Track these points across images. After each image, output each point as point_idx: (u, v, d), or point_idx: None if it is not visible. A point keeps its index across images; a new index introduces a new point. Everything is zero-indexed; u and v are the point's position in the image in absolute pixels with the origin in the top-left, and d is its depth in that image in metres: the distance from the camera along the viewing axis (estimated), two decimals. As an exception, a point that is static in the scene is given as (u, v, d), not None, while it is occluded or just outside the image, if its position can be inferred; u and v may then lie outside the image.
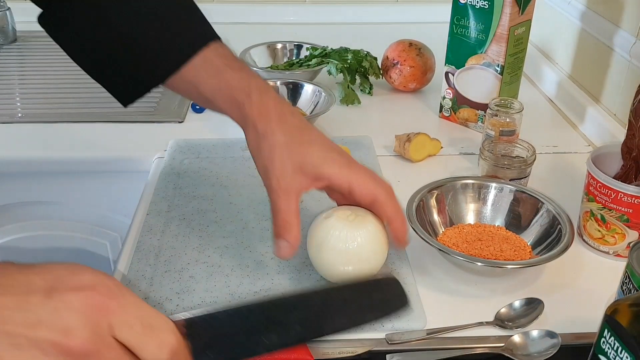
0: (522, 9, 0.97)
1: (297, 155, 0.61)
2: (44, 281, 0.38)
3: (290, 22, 1.59)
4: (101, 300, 0.39)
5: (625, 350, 0.48)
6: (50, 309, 0.37)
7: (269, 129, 0.62)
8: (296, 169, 0.61)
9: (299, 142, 0.62)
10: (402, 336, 0.64)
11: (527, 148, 0.86)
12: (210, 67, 0.65)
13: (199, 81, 0.65)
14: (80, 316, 0.37)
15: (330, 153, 0.63)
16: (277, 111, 0.63)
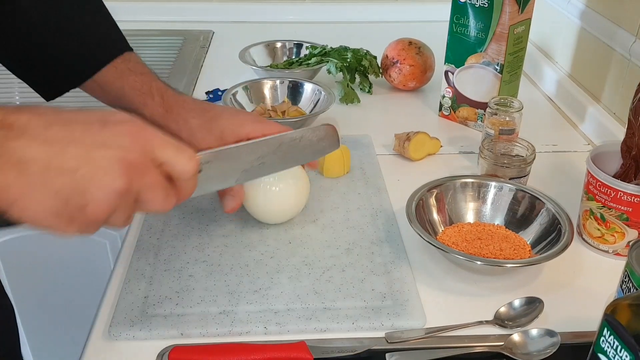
0: (521, 8, 0.97)
1: (215, 129, 0.70)
2: (96, 117, 0.47)
3: (290, 21, 1.59)
4: (142, 129, 0.48)
5: (624, 349, 0.48)
6: (108, 134, 0.46)
7: (181, 119, 0.72)
8: (218, 140, 0.70)
9: (211, 119, 0.71)
10: (401, 335, 0.64)
11: (526, 147, 0.86)
12: (116, 71, 0.73)
13: (105, 83, 0.74)
14: (131, 139, 0.47)
15: (239, 115, 0.74)
16: (182, 103, 0.73)
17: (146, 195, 0.48)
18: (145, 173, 0.47)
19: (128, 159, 0.46)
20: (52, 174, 0.43)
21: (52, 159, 0.44)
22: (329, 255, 0.75)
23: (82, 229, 0.46)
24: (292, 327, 0.64)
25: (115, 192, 0.45)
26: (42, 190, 0.43)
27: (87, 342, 0.64)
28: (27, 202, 0.43)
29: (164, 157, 0.49)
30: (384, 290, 0.69)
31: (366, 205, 0.84)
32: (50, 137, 0.44)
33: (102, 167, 0.45)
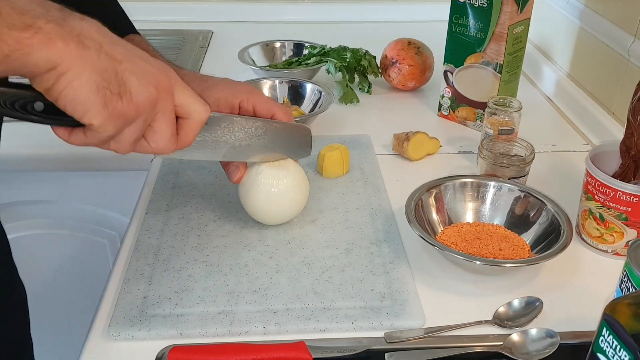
0: (521, 8, 0.97)
1: (210, 98, 0.72)
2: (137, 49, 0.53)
3: (289, 21, 1.59)
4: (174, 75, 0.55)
5: (623, 349, 0.48)
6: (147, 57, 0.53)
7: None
8: (214, 109, 0.72)
9: (207, 88, 0.73)
10: (400, 335, 0.64)
11: (525, 147, 0.86)
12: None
13: None
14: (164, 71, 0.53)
15: (234, 85, 0.75)
16: (181, 75, 0.76)
17: (158, 124, 0.53)
18: (167, 99, 0.53)
19: (161, 79, 0.52)
20: (104, 55, 0.48)
21: (106, 46, 0.49)
22: (328, 255, 0.75)
23: (108, 120, 0.49)
24: (291, 327, 0.64)
25: (147, 96, 0.51)
26: (93, 64, 0.47)
27: (86, 341, 0.64)
28: (78, 72, 0.47)
29: (183, 98, 0.54)
30: (383, 290, 0.69)
31: (365, 205, 0.84)
32: (103, 31, 0.50)
33: (142, 71, 0.51)
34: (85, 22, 0.49)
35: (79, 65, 0.47)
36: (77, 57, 0.47)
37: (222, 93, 0.73)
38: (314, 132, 1.03)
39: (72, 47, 0.46)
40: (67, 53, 0.46)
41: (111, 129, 0.50)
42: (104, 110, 0.49)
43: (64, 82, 0.47)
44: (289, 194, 0.76)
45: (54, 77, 0.46)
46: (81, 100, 0.48)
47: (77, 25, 0.48)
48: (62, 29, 0.46)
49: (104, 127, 0.50)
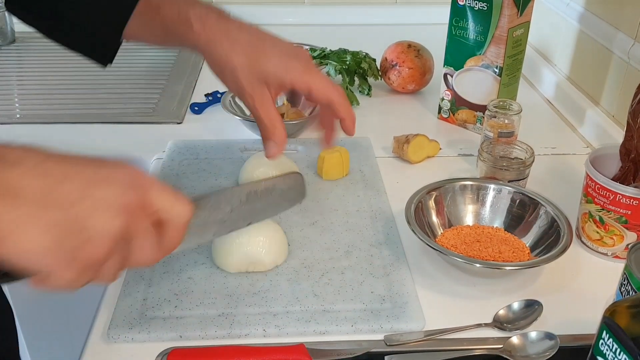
0: (520, 11, 0.98)
1: (259, 72, 0.66)
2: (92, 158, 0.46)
3: (289, 24, 1.59)
4: (139, 172, 0.47)
5: (623, 352, 0.48)
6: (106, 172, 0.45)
7: (224, 54, 0.66)
8: (262, 84, 0.66)
9: (256, 59, 0.66)
10: (400, 337, 0.64)
11: (525, 149, 0.86)
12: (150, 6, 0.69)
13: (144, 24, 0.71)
14: (129, 180, 0.45)
15: (289, 61, 0.67)
16: (225, 32, 0.66)
17: (137, 242, 0.46)
18: (140, 217, 0.45)
19: (126, 199, 0.44)
20: (49, 206, 0.41)
21: (48, 192, 0.41)
22: (328, 257, 0.75)
23: (78, 274, 0.43)
24: (291, 329, 0.64)
25: (114, 232, 0.43)
26: (37, 222, 0.40)
27: (85, 344, 0.64)
28: (21, 235, 0.40)
29: (160, 203, 0.47)
30: (383, 293, 0.69)
31: (365, 207, 0.84)
32: (46, 170, 0.42)
33: (100, 205, 0.43)
34: (21, 169, 0.41)
35: (21, 225, 0.40)
36: (15, 218, 0.39)
37: (273, 68, 0.66)
38: (313, 134, 1.03)
39: (5, 207, 0.39)
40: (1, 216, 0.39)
41: (87, 277, 0.44)
42: (68, 267, 0.42)
43: (10, 246, 0.40)
44: (264, 249, 0.72)
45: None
46: (37, 262, 0.41)
47: (12, 177, 0.40)
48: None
49: (77, 280, 0.43)
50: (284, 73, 0.66)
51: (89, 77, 1.27)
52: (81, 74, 1.29)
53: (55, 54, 1.38)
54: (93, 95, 1.20)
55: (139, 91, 1.22)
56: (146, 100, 1.18)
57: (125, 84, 1.23)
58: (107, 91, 1.21)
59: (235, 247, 0.70)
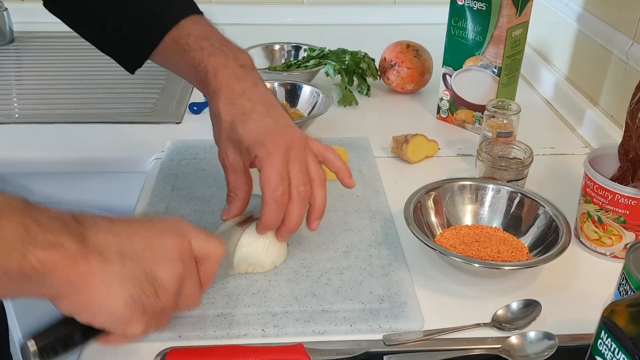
0: (519, 11, 0.98)
1: (236, 138, 0.65)
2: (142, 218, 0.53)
3: (288, 24, 1.59)
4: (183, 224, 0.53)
5: (622, 352, 0.48)
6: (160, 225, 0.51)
7: (217, 109, 0.67)
8: (236, 150, 0.66)
9: (239, 123, 0.65)
10: (399, 337, 0.64)
11: (524, 149, 0.86)
12: (176, 46, 0.71)
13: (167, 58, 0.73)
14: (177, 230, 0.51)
15: (266, 137, 0.64)
16: (228, 92, 0.67)
17: (188, 289, 0.51)
18: (191, 265, 0.51)
19: (181, 247, 0.50)
20: (128, 262, 0.45)
21: (124, 247, 0.46)
22: (327, 257, 0.75)
23: (150, 322, 0.47)
24: (290, 329, 0.64)
25: (177, 276, 0.49)
26: (122, 279, 0.44)
27: (84, 344, 0.64)
28: (106, 291, 0.43)
29: (199, 246, 0.52)
30: (382, 293, 0.69)
31: (364, 207, 0.84)
32: (116, 230, 0.47)
33: (163, 254, 0.48)
34: (100, 229, 0.45)
35: (104, 282, 0.44)
36: (101, 274, 0.43)
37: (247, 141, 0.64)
38: (312, 134, 1.03)
39: (95, 265, 0.43)
40: (90, 271, 0.43)
41: (154, 327, 0.49)
42: (144, 316, 0.46)
43: (93, 304, 0.44)
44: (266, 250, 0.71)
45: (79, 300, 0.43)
46: (118, 318, 0.45)
47: (94, 237, 0.44)
48: (83, 245, 0.43)
49: (147, 330, 0.48)
50: (252, 146, 0.64)
51: (88, 77, 1.27)
52: (80, 73, 1.29)
53: (54, 54, 1.38)
54: (92, 95, 1.20)
55: (137, 91, 1.22)
56: (145, 100, 1.18)
57: (124, 83, 1.23)
58: (106, 91, 1.21)
59: (234, 249, 0.70)
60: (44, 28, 1.45)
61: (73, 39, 1.42)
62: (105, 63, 0.84)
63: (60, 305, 0.44)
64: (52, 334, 0.47)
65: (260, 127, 0.64)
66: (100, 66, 1.28)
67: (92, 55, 1.38)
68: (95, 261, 0.43)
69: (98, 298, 0.44)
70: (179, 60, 0.71)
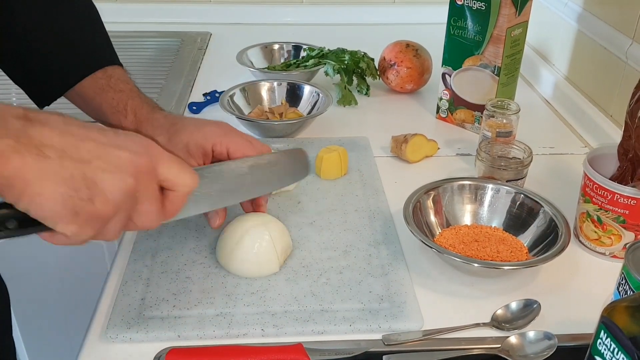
0: (518, 11, 0.98)
1: (179, 144, 0.69)
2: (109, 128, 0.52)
3: (288, 23, 1.59)
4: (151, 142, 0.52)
5: (621, 352, 0.48)
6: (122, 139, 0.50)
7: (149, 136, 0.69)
8: (186, 155, 0.69)
9: (174, 133, 0.70)
10: (398, 337, 0.64)
11: (523, 149, 0.86)
12: (96, 86, 0.75)
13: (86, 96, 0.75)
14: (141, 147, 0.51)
15: (204, 127, 0.71)
16: (151, 120, 0.73)
17: (143, 205, 0.51)
18: (149, 182, 0.50)
19: (138, 163, 0.49)
20: (67, 161, 0.46)
21: (69, 148, 0.46)
22: (327, 257, 0.75)
23: (83, 225, 0.47)
24: (289, 329, 0.64)
25: (124, 190, 0.48)
26: (56, 175, 0.45)
27: (83, 343, 0.64)
28: (40, 186, 0.45)
29: (168, 172, 0.52)
30: (382, 293, 0.69)
31: (364, 207, 0.84)
32: (68, 130, 0.47)
33: (114, 164, 0.48)
34: (46, 128, 0.46)
35: (41, 177, 0.45)
36: (37, 170, 0.45)
37: (190, 137, 0.69)
38: (312, 133, 1.03)
39: (29, 161, 0.44)
40: (24, 169, 0.44)
41: (89, 232, 0.48)
42: (76, 218, 0.47)
43: (26, 199, 0.45)
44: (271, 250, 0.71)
45: (15, 194, 0.45)
46: (49, 214, 0.46)
47: (37, 134, 0.46)
48: (19, 142, 0.44)
49: (79, 234, 0.48)
50: (202, 139, 0.69)
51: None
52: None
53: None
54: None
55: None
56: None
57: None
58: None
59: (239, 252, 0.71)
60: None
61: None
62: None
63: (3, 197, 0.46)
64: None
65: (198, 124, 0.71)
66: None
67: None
68: (29, 157, 0.44)
69: (31, 191, 0.45)
70: (93, 100, 0.75)
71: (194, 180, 0.54)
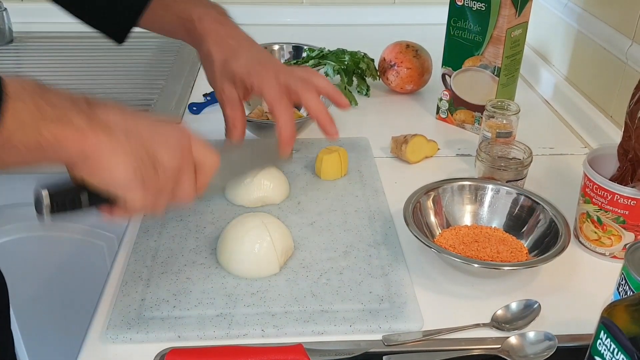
0: (518, 11, 0.98)
1: (230, 72, 0.75)
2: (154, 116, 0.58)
3: (288, 24, 1.59)
4: (186, 130, 0.58)
5: (621, 352, 0.48)
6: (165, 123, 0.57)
7: (208, 50, 0.76)
8: (231, 84, 0.76)
9: (229, 59, 0.75)
10: (398, 337, 0.64)
11: (523, 150, 0.86)
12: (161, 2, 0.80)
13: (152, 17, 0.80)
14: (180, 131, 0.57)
15: (254, 66, 0.75)
16: (215, 34, 0.77)
17: (184, 179, 0.57)
18: (190, 158, 0.57)
19: (183, 142, 0.56)
20: (132, 139, 0.52)
21: (131, 128, 0.53)
22: (327, 257, 0.75)
23: (147, 194, 0.53)
24: (289, 329, 0.64)
25: (176, 162, 0.55)
26: (125, 150, 0.51)
27: (83, 344, 0.64)
28: (115, 160, 0.51)
29: (198, 152, 0.58)
30: (382, 293, 0.69)
31: (364, 207, 0.84)
32: (124, 113, 0.53)
33: (167, 142, 0.55)
34: (109, 110, 0.52)
35: (114, 151, 0.51)
36: (109, 147, 0.50)
37: (240, 70, 0.74)
38: (311, 134, 1.03)
39: (103, 139, 0.50)
40: (100, 145, 0.50)
41: (150, 200, 0.54)
42: (142, 185, 0.53)
43: (103, 172, 0.51)
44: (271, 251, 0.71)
45: (91, 167, 0.51)
46: (122, 183, 0.52)
47: (104, 115, 0.51)
48: (91, 121, 0.50)
49: (144, 201, 0.54)
50: (250, 78, 0.74)
51: (87, 77, 1.27)
52: (79, 74, 1.29)
53: (53, 54, 1.38)
54: (91, 95, 1.20)
55: (137, 91, 1.22)
56: (144, 100, 1.18)
57: (124, 83, 1.23)
58: (106, 91, 1.21)
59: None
60: (43, 28, 1.45)
61: (72, 39, 1.42)
62: (105, 63, 0.84)
63: (74, 170, 0.51)
64: (63, 191, 0.52)
65: (249, 59, 0.75)
66: (99, 66, 1.28)
67: (92, 56, 1.38)
68: (102, 135, 0.50)
69: (107, 164, 0.50)
70: (163, 15, 0.80)
71: (217, 159, 0.60)
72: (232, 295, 0.68)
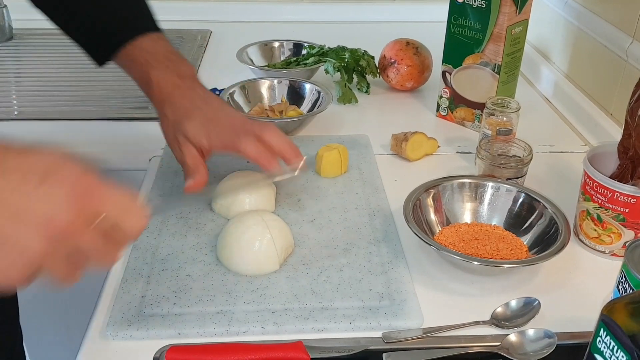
0: (519, 9, 0.98)
1: (183, 132, 0.75)
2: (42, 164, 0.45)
3: (288, 21, 1.59)
4: (88, 183, 0.47)
5: (620, 350, 0.48)
6: (45, 189, 0.44)
7: (164, 114, 0.77)
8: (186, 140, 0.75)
9: (184, 120, 0.75)
10: (398, 335, 0.64)
11: (523, 147, 0.86)
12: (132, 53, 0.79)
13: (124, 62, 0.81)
14: (70, 197, 0.45)
15: (207, 126, 0.75)
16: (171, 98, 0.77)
17: (82, 254, 0.47)
18: (76, 235, 0.46)
19: (56, 223, 0.45)
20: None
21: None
22: (327, 255, 0.75)
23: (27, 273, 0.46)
24: (289, 326, 0.65)
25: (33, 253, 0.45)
26: None
27: (83, 341, 0.64)
28: None
29: (110, 217, 0.47)
30: (382, 290, 0.69)
31: (364, 205, 0.84)
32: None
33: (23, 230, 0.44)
34: None
35: None
36: None
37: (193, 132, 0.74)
38: (312, 131, 1.03)
39: None
40: None
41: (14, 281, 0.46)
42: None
43: None
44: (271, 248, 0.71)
45: None
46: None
47: None
48: None
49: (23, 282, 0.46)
50: (198, 137, 0.74)
51: (87, 74, 1.27)
52: (79, 71, 1.29)
53: (53, 51, 1.38)
54: (91, 92, 1.20)
55: (137, 88, 1.21)
56: (145, 97, 1.18)
57: (124, 80, 1.22)
58: (106, 88, 1.21)
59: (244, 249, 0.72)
60: (44, 25, 1.44)
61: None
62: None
63: None
64: None
65: (201, 118, 0.75)
66: (99, 63, 1.27)
67: (92, 53, 1.38)
68: None
69: None
70: (130, 67, 0.80)
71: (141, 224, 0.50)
72: (232, 292, 0.69)
